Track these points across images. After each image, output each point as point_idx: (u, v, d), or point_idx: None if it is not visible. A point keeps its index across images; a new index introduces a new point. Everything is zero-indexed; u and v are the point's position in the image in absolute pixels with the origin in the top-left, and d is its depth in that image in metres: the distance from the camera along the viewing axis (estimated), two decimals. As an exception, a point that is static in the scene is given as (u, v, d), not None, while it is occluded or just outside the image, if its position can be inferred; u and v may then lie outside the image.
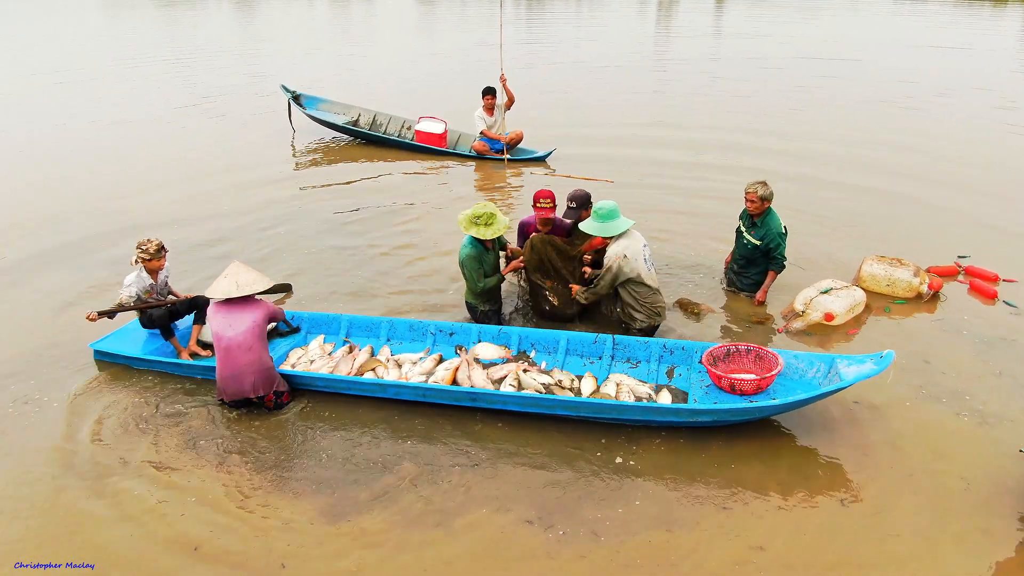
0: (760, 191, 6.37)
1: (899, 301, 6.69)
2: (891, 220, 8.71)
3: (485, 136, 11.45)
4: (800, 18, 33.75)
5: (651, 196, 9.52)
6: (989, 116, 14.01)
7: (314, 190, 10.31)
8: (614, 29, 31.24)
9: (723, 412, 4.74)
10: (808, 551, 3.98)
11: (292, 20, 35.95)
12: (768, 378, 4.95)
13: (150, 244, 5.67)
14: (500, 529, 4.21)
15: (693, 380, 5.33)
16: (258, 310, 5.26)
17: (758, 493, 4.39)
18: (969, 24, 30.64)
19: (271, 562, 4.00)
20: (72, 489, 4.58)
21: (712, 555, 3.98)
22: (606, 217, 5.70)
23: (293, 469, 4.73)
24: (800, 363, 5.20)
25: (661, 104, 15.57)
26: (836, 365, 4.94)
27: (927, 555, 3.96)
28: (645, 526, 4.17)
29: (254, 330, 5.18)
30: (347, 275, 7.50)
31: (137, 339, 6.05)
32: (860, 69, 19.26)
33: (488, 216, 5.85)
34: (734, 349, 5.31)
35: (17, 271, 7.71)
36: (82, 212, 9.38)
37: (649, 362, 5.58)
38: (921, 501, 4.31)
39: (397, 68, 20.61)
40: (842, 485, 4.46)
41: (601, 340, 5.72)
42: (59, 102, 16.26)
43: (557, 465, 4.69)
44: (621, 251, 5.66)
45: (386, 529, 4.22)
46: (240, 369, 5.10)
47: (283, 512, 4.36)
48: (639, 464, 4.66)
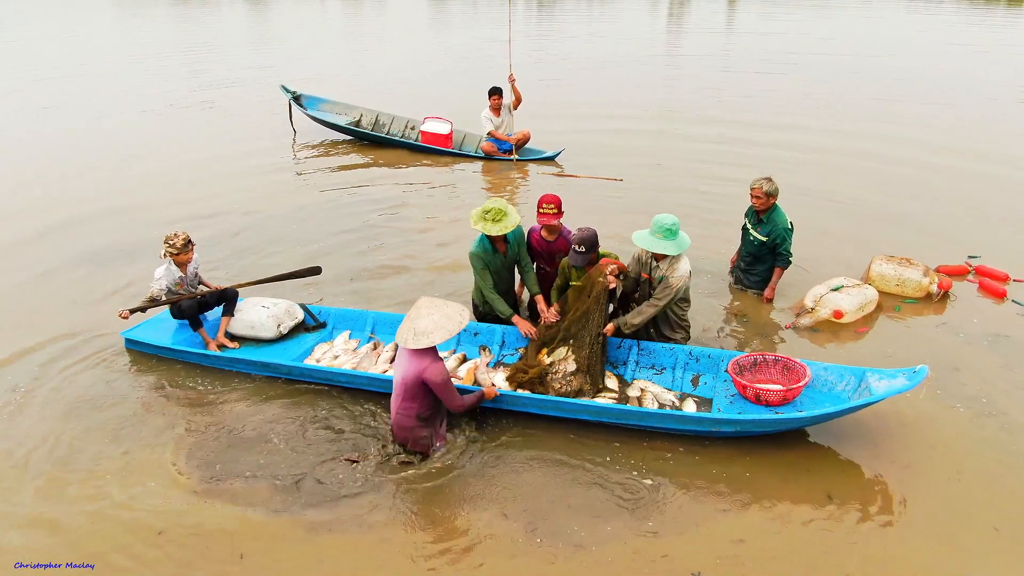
0: (765, 187, 6.34)
1: (909, 300, 6.65)
2: (899, 219, 8.67)
3: (492, 137, 11.34)
4: (811, 16, 33.56)
5: (659, 195, 9.53)
6: (1002, 115, 13.93)
7: (316, 191, 10.16)
8: (624, 27, 31.17)
9: (747, 423, 4.65)
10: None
11: (302, 18, 36.04)
12: (795, 389, 4.84)
13: (176, 238, 5.75)
14: (489, 529, 4.19)
15: (718, 389, 5.23)
16: (420, 364, 4.51)
17: (769, 502, 4.31)
18: (984, 24, 30.17)
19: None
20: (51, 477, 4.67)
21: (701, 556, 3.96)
22: (674, 233, 5.27)
23: (282, 465, 4.72)
24: (829, 375, 5.08)
25: (670, 102, 15.51)
26: (867, 378, 4.81)
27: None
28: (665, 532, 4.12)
29: (404, 384, 4.59)
30: (357, 274, 7.49)
31: (167, 329, 6.14)
32: (872, 67, 19.17)
33: (497, 212, 5.47)
34: (761, 359, 5.21)
35: (51, 261, 7.87)
36: (108, 208, 9.49)
37: (674, 369, 5.50)
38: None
39: (402, 67, 20.56)
40: (868, 494, 4.37)
41: (626, 345, 5.65)
42: (80, 101, 16.32)
43: (572, 471, 4.63)
44: (688, 269, 5.40)
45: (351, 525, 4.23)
46: (393, 418, 4.74)
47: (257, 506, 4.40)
48: (655, 472, 4.59)
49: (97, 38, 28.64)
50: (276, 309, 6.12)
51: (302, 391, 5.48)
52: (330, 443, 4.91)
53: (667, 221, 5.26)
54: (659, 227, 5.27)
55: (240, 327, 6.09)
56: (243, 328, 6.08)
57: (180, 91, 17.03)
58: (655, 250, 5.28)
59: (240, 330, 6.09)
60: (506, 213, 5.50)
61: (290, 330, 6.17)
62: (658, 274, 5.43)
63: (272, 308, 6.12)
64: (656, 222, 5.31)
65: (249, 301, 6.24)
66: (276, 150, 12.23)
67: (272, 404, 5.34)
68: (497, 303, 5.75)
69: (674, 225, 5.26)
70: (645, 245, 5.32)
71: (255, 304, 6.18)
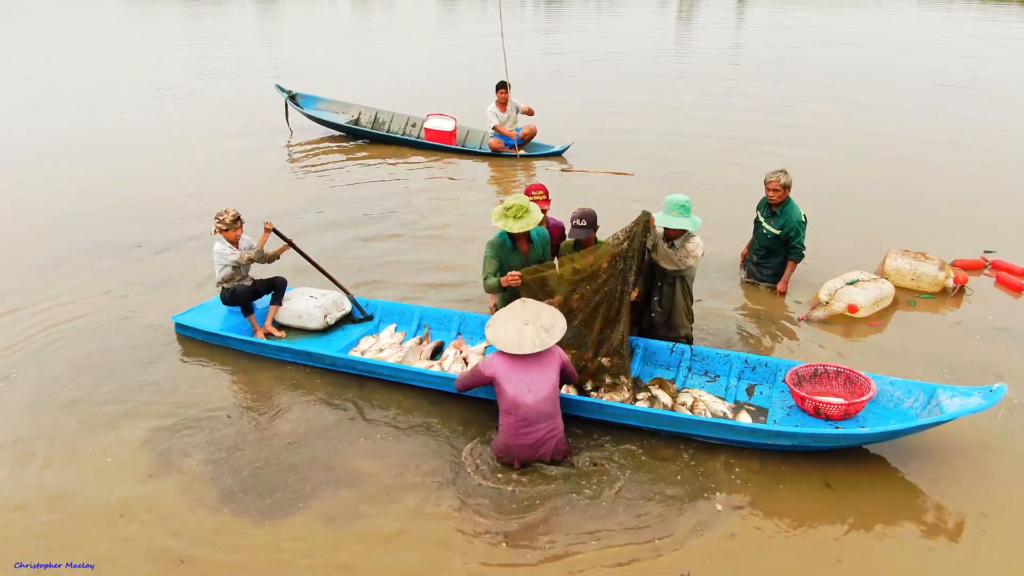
0: (782, 179, 6.30)
1: (925, 296, 6.54)
2: (914, 214, 8.54)
3: (498, 132, 11.13)
4: (824, 14, 32.84)
5: (669, 188, 9.27)
6: (1016, 110, 13.69)
7: (313, 190, 9.92)
8: (633, 23, 30.84)
9: (805, 436, 4.39)
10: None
11: (310, 17, 36.03)
12: (858, 404, 4.57)
13: (226, 214, 5.78)
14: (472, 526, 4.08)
15: (775, 399, 4.98)
16: (554, 365, 4.46)
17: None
18: (1000, 24, 28.88)
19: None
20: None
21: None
22: (687, 209, 5.26)
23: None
24: (896, 390, 4.77)
25: (679, 96, 15.30)
26: (937, 395, 4.51)
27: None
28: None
29: (555, 395, 4.44)
30: (371, 271, 7.37)
31: (217, 315, 6.19)
32: (885, 64, 18.80)
33: (519, 208, 5.28)
34: (822, 369, 4.94)
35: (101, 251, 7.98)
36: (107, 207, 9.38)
37: (728, 377, 5.26)
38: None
39: (408, 65, 20.41)
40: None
41: (678, 350, 5.44)
42: (75, 100, 16.11)
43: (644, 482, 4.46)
44: (703, 247, 5.38)
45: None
46: (540, 439, 4.40)
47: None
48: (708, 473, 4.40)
49: (104, 36, 28.73)
50: (324, 300, 6.11)
51: (344, 382, 5.44)
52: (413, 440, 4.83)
53: (680, 199, 5.26)
54: (673, 204, 5.25)
55: (287, 316, 6.09)
56: (290, 318, 6.08)
57: (179, 92, 16.94)
58: (673, 226, 5.25)
59: (287, 319, 6.09)
60: (528, 210, 5.33)
61: (336, 321, 6.15)
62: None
63: (320, 299, 6.11)
64: (669, 201, 5.29)
65: (298, 291, 6.25)
66: (273, 149, 12.03)
67: (313, 394, 5.31)
68: (489, 280, 5.42)
69: (687, 203, 5.26)
70: (662, 222, 5.26)
71: (303, 294, 6.18)
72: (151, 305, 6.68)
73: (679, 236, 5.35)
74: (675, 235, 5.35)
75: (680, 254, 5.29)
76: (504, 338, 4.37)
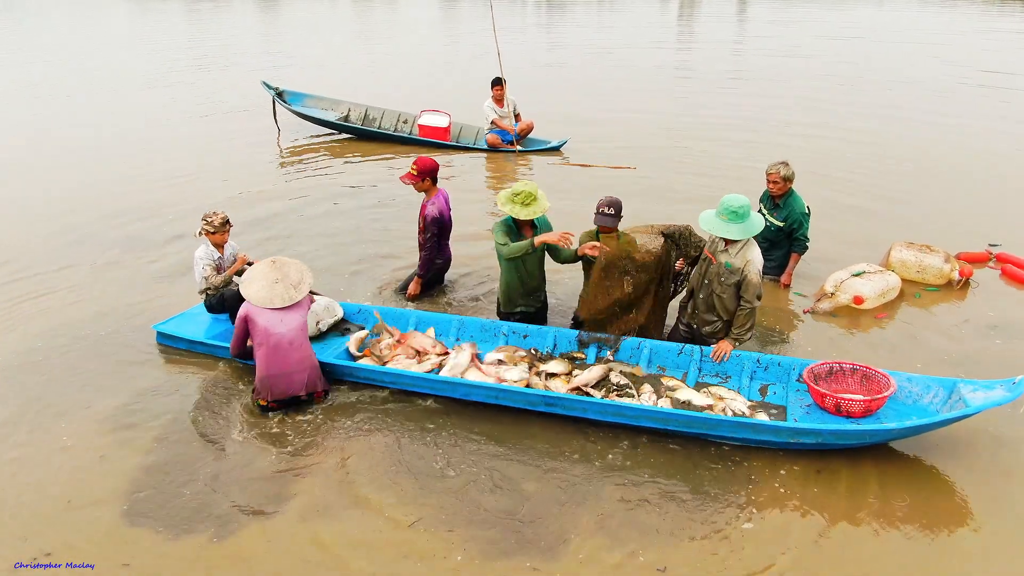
0: (783, 171, 6.24)
1: (930, 288, 6.55)
2: (919, 206, 8.62)
3: (496, 127, 11.04)
4: (825, 10, 33.90)
5: (672, 181, 9.43)
6: (1019, 104, 14.02)
7: (307, 188, 9.66)
8: (634, 20, 31.39)
9: (829, 434, 4.29)
10: None
11: (311, 16, 35.96)
12: (879, 399, 4.49)
13: (215, 217, 5.49)
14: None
15: (791, 399, 4.88)
16: (304, 306, 5.07)
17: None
18: (1004, 20, 30.17)
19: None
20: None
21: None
22: (740, 216, 4.83)
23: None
24: (914, 386, 4.72)
25: (680, 88, 15.50)
26: (959, 389, 4.46)
27: None
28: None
29: (304, 327, 4.98)
30: (371, 272, 7.18)
31: (200, 323, 5.85)
32: (891, 58, 19.33)
33: (527, 195, 5.23)
34: (838, 367, 4.86)
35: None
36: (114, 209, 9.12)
37: (740, 378, 5.14)
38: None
39: (405, 63, 20.32)
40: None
41: (687, 351, 5.30)
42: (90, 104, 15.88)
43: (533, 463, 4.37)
44: (761, 260, 5.04)
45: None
46: (291, 367, 4.83)
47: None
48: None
49: (104, 37, 28.52)
50: (315, 306, 5.81)
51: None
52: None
53: (734, 203, 4.84)
54: (725, 208, 4.88)
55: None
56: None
57: (172, 90, 16.69)
58: (717, 233, 4.91)
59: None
60: (536, 197, 5.30)
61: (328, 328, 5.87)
62: (724, 259, 5.03)
63: (312, 305, 5.81)
64: (723, 203, 4.91)
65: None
66: (260, 146, 11.72)
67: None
68: (517, 247, 5.26)
69: (741, 208, 4.83)
70: (708, 227, 4.95)
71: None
72: (135, 310, 6.33)
73: (733, 243, 4.99)
74: (730, 242, 5.00)
75: (746, 287, 4.92)
76: (256, 295, 4.87)
